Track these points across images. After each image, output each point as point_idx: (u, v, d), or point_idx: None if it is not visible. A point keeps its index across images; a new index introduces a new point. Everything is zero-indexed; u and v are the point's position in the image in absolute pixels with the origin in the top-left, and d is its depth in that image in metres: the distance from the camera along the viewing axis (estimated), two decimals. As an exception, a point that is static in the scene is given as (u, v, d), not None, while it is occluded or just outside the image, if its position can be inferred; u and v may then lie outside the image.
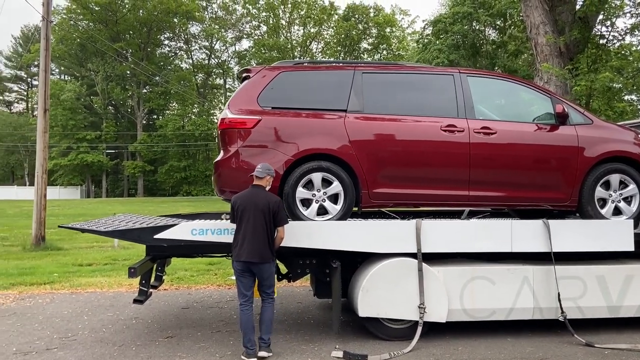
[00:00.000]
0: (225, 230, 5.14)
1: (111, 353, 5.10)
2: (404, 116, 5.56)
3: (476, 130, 5.52)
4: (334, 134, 5.37)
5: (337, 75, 5.74)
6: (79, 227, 5.63)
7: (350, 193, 5.29)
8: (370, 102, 5.55)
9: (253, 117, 5.33)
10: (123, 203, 42.27)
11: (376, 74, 5.77)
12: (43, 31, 14.11)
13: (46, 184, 14.27)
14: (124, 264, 11.10)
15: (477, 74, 6.06)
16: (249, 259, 4.71)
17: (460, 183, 5.48)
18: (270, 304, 4.88)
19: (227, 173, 5.36)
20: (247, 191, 4.86)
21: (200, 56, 70.90)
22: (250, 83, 5.57)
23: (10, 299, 7.58)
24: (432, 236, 5.29)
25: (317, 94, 5.59)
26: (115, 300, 7.52)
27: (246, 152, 5.28)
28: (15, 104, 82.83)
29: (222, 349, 5.15)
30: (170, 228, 5.13)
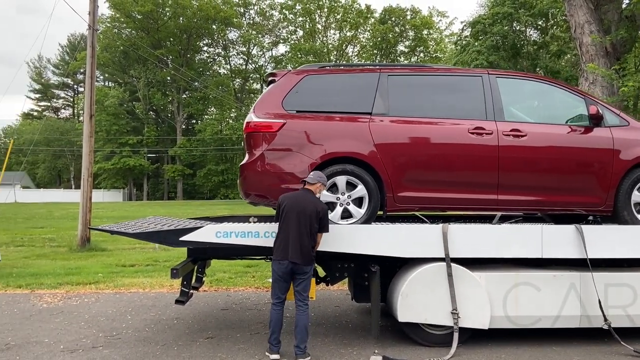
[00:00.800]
0: (249, 233, 5.16)
1: (154, 352, 5.21)
2: (431, 119, 5.47)
3: (505, 132, 5.39)
4: (359, 137, 5.33)
5: (362, 77, 5.69)
6: (108, 229, 5.74)
7: (375, 197, 5.25)
8: (395, 105, 5.50)
9: (277, 121, 5.35)
10: (163, 206, 43.30)
11: (402, 77, 5.70)
12: (89, 39, 14.61)
13: (91, 186, 14.74)
14: (164, 265, 11.36)
15: (506, 75, 5.93)
16: (294, 259, 4.74)
17: (488, 187, 5.35)
18: (304, 310, 4.88)
19: (252, 176, 5.38)
20: (295, 193, 4.89)
21: (237, 62, 71.99)
22: (276, 87, 5.59)
23: (58, 297, 7.85)
24: (460, 241, 5.18)
25: (342, 97, 5.57)
26: (157, 300, 7.69)
27: (271, 155, 5.30)
28: (62, 110, 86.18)
29: (261, 351, 5.18)
30: (195, 230, 5.17)
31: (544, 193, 5.40)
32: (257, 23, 68.73)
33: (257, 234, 5.18)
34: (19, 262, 12.18)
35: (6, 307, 7.24)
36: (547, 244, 5.22)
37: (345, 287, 7.91)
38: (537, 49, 45.16)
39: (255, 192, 5.40)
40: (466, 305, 5.08)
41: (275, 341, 4.92)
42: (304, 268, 4.80)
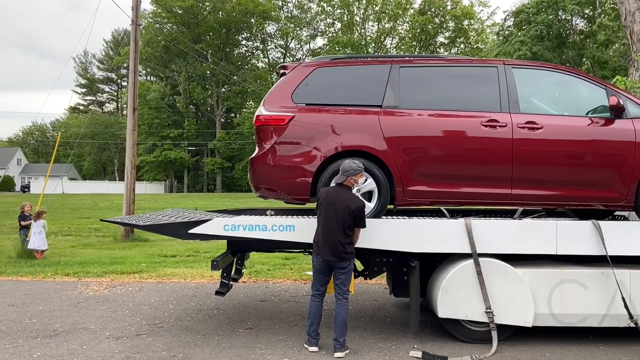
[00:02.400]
0: (256, 226, 5.16)
1: (195, 341, 5.31)
2: (442, 111, 5.31)
3: (520, 125, 5.18)
4: (368, 130, 5.23)
5: (373, 70, 5.56)
6: (120, 221, 5.83)
7: (385, 190, 5.15)
8: (406, 97, 5.37)
9: (287, 114, 5.30)
10: (203, 198, 44.14)
11: (414, 68, 5.55)
12: (132, 34, 14.97)
13: (135, 178, 15.16)
14: (205, 256, 11.59)
15: (523, 65, 5.70)
16: (327, 257, 4.73)
17: (502, 181, 5.17)
18: (344, 304, 4.86)
19: (262, 169, 5.36)
20: (333, 188, 4.86)
21: (275, 55, 72.46)
22: (286, 80, 5.53)
23: (104, 286, 8.12)
24: (500, 236, 5.07)
25: (352, 89, 5.47)
26: (197, 290, 7.85)
27: (280, 148, 5.27)
28: (106, 104, 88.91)
29: (300, 343, 5.20)
30: (204, 223, 5.18)
31: (561, 188, 5.18)
32: (295, 16, 68.91)
33: (265, 227, 5.17)
34: (66, 251, 12.69)
35: (54, 294, 7.53)
36: (562, 241, 5.06)
37: (384, 280, 7.87)
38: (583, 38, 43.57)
39: (264, 185, 5.38)
40: (509, 302, 4.95)
41: (314, 333, 4.95)
42: (341, 263, 4.78)
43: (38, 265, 10.02)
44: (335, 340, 4.83)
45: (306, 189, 5.21)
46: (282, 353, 4.92)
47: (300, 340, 5.27)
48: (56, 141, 13.22)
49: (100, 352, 4.97)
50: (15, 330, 5.67)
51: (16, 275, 9.02)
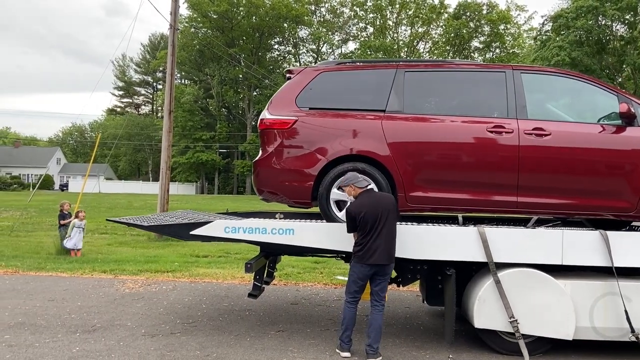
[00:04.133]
0: (256, 229, 5.15)
1: (228, 341, 5.35)
2: (447, 116, 5.21)
3: (527, 131, 5.03)
4: (371, 135, 5.17)
5: (378, 74, 5.49)
6: (124, 221, 5.87)
7: None
8: (410, 102, 5.28)
9: (289, 118, 5.29)
10: (232, 200, 44.64)
11: (418, 72, 5.45)
12: (170, 38, 15.27)
13: (169, 179, 15.44)
14: (235, 257, 11.69)
15: (533, 70, 5.53)
16: (386, 262, 4.72)
17: (507, 188, 5.02)
18: (381, 310, 4.82)
19: (264, 173, 5.36)
20: (367, 198, 4.78)
21: (307, 59, 72.80)
22: (291, 83, 5.51)
23: (139, 284, 8.27)
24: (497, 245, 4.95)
25: (355, 94, 5.43)
26: (229, 291, 7.91)
27: (282, 152, 5.26)
28: (142, 106, 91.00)
29: (331, 347, 5.18)
30: (205, 225, 5.19)
31: (569, 196, 5.00)
32: (328, 20, 69.16)
33: (265, 230, 5.15)
34: (103, 249, 13.01)
35: (92, 290, 7.72)
36: (568, 251, 4.92)
37: (416, 288, 7.78)
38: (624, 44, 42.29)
39: (267, 188, 5.39)
40: (549, 314, 4.81)
41: (347, 339, 4.92)
42: (387, 269, 4.75)
43: (76, 262, 10.29)
44: (369, 347, 4.79)
45: (307, 193, 5.19)
46: (314, 357, 4.91)
47: (332, 345, 5.25)
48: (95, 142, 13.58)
49: (136, 348, 5.06)
50: (55, 325, 5.82)
51: (55, 271, 9.28)
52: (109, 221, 6.32)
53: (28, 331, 5.56)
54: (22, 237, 15.33)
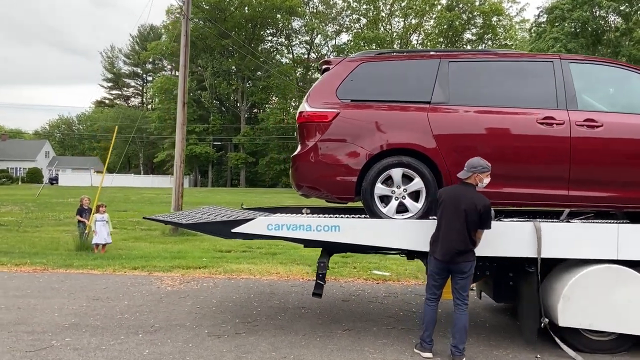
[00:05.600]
0: (300, 226, 4.98)
1: (298, 341, 5.20)
2: (494, 108, 5.06)
3: (578, 122, 4.91)
4: (417, 128, 5.01)
5: (421, 64, 5.31)
6: (162, 219, 5.70)
7: (433, 190, 4.92)
8: (456, 93, 5.12)
9: (331, 110, 5.11)
10: (229, 193, 44.31)
11: (464, 63, 5.29)
12: (183, 28, 14.95)
13: (183, 172, 15.17)
14: (259, 251, 11.53)
15: (581, 60, 5.37)
16: (444, 259, 4.56)
17: (558, 181, 4.91)
18: (464, 309, 4.67)
19: (304, 168, 5.18)
20: (454, 187, 4.67)
21: (300, 51, 72.37)
22: (330, 75, 5.32)
23: (177, 281, 8.06)
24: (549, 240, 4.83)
25: (399, 85, 5.24)
26: (272, 287, 7.74)
27: (324, 146, 5.07)
28: (132, 98, 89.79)
29: (407, 347, 5.06)
30: (247, 222, 5.03)
31: (621, 189, 4.89)
32: (320, 12, 68.68)
33: (309, 227, 4.99)
34: (119, 244, 12.73)
35: (133, 288, 7.49)
36: (625, 245, 4.79)
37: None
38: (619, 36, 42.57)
39: (307, 184, 5.21)
40: (633, 310, 4.72)
41: (428, 339, 4.80)
42: (461, 266, 4.60)
43: (101, 258, 10.03)
44: (455, 347, 4.66)
45: (351, 188, 5.02)
46: (396, 358, 4.77)
47: (407, 344, 5.12)
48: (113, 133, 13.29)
49: (207, 350, 4.88)
50: (113, 326, 5.61)
51: (84, 268, 9.02)
52: (146, 219, 6.09)
53: (87, 333, 5.35)
54: (32, 233, 14.97)
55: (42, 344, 4.96)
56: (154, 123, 67.90)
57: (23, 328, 5.46)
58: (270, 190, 56.97)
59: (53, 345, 4.95)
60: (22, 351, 4.76)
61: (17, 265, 9.03)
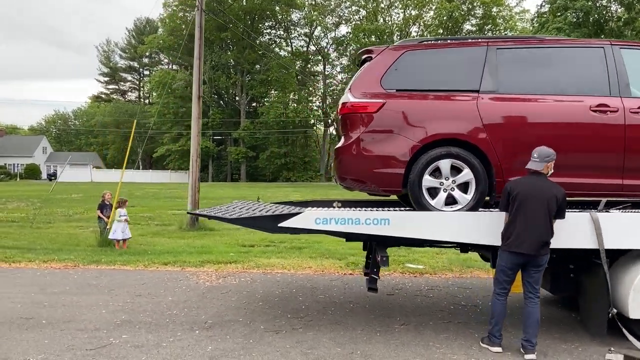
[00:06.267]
0: (349, 220, 4.83)
1: (360, 337, 5.10)
2: (546, 96, 4.94)
3: (633, 110, 4.81)
4: (465, 117, 4.87)
5: (468, 52, 5.17)
6: (206, 214, 5.56)
7: (483, 181, 4.79)
8: (506, 81, 4.99)
9: (376, 101, 4.96)
10: (233, 188, 44.16)
11: (513, 49, 5.14)
12: (197, 20, 14.74)
13: (199, 167, 15.01)
14: (283, 246, 11.43)
15: (632, 45, 5.23)
16: (529, 251, 4.44)
17: (612, 171, 4.82)
18: (536, 303, 4.58)
19: (349, 160, 5.02)
20: (526, 179, 4.54)
21: (299, 43, 71.99)
22: (373, 64, 5.17)
23: (213, 277, 7.94)
24: None
25: (445, 73, 5.11)
26: (312, 282, 7.63)
27: (369, 137, 4.93)
28: (129, 92, 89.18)
29: (472, 341, 4.97)
30: (295, 216, 4.88)
31: None
32: (319, 4, 68.26)
33: (358, 221, 4.83)
34: (139, 240, 12.59)
35: (171, 284, 7.37)
36: None
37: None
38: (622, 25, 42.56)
39: (351, 176, 5.09)
40: None
41: (498, 333, 4.71)
42: (539, 260, 4.50)
43: (127, 254, 9.89)
44: (527, 342, 4.56)
45: (398, 180, 4.89)
46: (465, 353, 4.68)
47: (470, 339, 5.04)
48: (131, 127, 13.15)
49: (271, 346, 4.78)
50: (165, 322, 5.50)
51: (113, 264, 8.88)
52: (191, 214, 5.92)
53: (142, 329, 5.23)
54: (45, 229, 14.80)
55: (100, 342, 4.84)
56: (153, 118, 67.47)
57: (74, 325, 5.34)
58: (272, 184, 56.80)
59: (112, 342, 4.83)
60: (81, 349, 4.64)
61: (45, 262, 8.88)
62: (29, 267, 8.47)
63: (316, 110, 69.24)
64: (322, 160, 69.94)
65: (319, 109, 69.98)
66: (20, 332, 5.12)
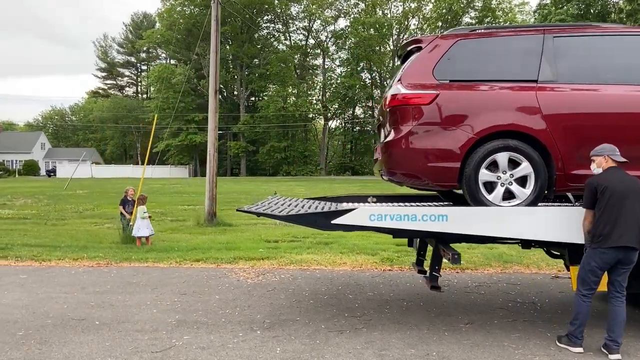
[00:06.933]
0: (404, 216, 4.64)
1: (428, 337, 4.94)
2: (608, 85, 4.76)
3: None
4: (524, 108, 4.68)
5: (524, 40, 4.96)
6: (255, 211, 5.40)
7: (542, 175, 4.61)
8: (565, 71, 4.79)
9: (430, 92, 4.76)
10: (234, 182, 43.91)
11: (571, 38, 4.94)
12: (214, 13, 14.46)
13: (217, 162, 14.79)
14: (306, 241, 11.23)
15: None
16: (631, 244, 4.25)
17: None
18: (623, 302, 4.42)
19: (400, 154, 4.82)
20: (615, 172, 4.35)
21: (297, 37, 71.56)
22: (424, 54, 4.96)
23: (251, 273, 7.76)
24: None
25: (501, 63, 4.90)
26: (354, 279, 7.46)
27: (422, 130, 4.73)
28: (127, 87, 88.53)
29: (549, 342, 4.82)
30: (348, 213, 4.71)
31: None
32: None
33: (414, 218, 4.65)
34: (160, 236, 12.35)
35: (212, 281, 7.19)
36: None
37: (552, 272, 7.47)
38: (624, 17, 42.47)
39: (402, 171, 4.89)
40: None
41: (580, 335, 4.54)
42: (633, 256, 4.32)
43: (155, 251, 9.69)
44: (613, 342, 4.39)
45: (453, 175, 4.70)
46: (546, 354, 4.51)
47: (543, 339, 4.89)
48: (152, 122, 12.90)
49: (341, 347, 4.61)
50: (222, 322, 5.32)
51: (144, 261, 8.69)
52: (240, 211, 5.70)
53: (201, 330, 5.05)
54: (61, 226, 14.53)
55: (163, 344, 4.66)
56: (152, 113, 67.00)
57: (130, 326, 5.15)
58: (272, 178, 56.58)
59: (175, 344, 4.65)
60: (147, 352, 4.46)
61: (75, 260, 8.68)
62: (60, 266, 8.26)
63: (316, 104, 68.94)
64: (322, 154, 69.75)
65: (318, 102, 69.68)
66: (77, 334, 4.93)
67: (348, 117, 74.49)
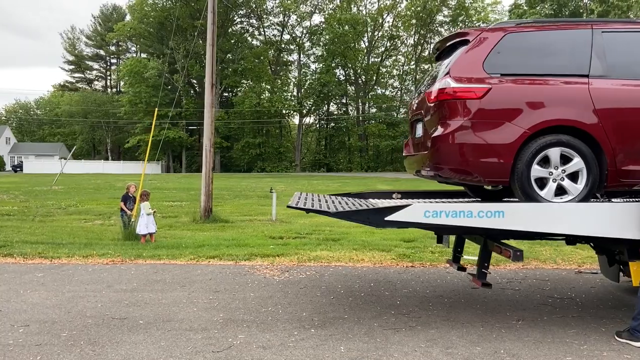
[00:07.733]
0: (460, 212, 4.58)
1: (486, 334, 4.87)
2: None
3: None
4: (576, 103, 4.67)
5: (573, 35, 4.97)
6: (304, 208, 5.28)
7: (594, 170, 4.63)
8: (616, 65, 4.81)
9: (481, 86, 4.69)
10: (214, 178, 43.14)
11: (620, 33, 4.98)
12: (210, 5, 14.13)
13: (213, 157, 14.47)
14: (315, 238, 11.10)
15: None
16: None
17: None
18: None
19: (448, 149, 4.73)
20: None
21: (272, 32, 71.03)
22: (473, 47, 4.90)
23: (275, 270, 7.56)
24: None
25: (551, 57, 4.88)
26: (382, 275, 7.36)
27: (473, 125, 4.67)
28: (95, 81, 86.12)
29: (608, 336, 4.82)
30: (403, 209, 4.62)
31: None
32: (294, -8, 67.50)
33: (471, 214, 4.59)
34: (158, 233, 11.99)
35: (239, 279, 6.98)
36: None
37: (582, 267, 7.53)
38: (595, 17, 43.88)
39: (451, 166, 4.80)
40: None
41: (643, 329, 4.56)
42: None
43: (164, 247, 9.38)
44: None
45: (506, 170, 4.65)
46: (610, 349, 4.50)
47: (600, 334, 4.87)
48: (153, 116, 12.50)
49: (405, 346, 4.50)
50: (270, 320, 5.14)
51: (158, 258, 8.38)
52: (290, 208, 5.49)
53: (253, 329, 4.86)
54: (50, 223, 13.94)
55: (219, 343, 4.46)
56: (124, 107, 65.43)
57: (177, 325, 4.92)
58: (248, 175, 56.09)
59: (233, 344, 4.45)
60: (208, 352, 4.25)
61: (85, 257, 8.30)
62: (73, 263, 7.88)
63: (290, 100, 68.64)
64: (296, 150, 69.51)
65: (293, 98, 69.39)
66: (124, 334, 4.67)
67: (323, 113, 74.44)
